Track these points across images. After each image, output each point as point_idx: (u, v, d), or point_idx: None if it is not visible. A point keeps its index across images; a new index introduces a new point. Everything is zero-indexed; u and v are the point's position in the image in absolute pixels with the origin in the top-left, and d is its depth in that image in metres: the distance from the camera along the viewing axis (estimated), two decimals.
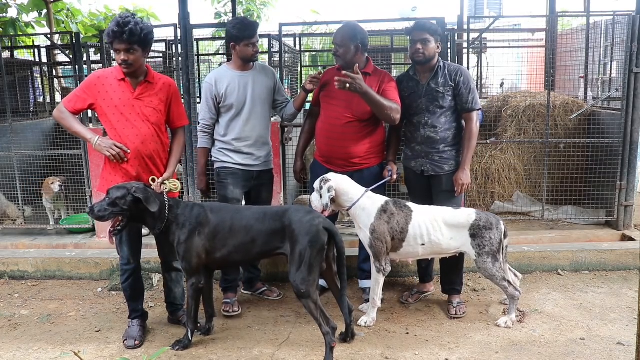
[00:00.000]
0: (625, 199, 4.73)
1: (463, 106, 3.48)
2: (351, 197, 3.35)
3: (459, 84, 3.43)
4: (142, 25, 2.99)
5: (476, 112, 3.50)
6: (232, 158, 3.60)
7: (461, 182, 3.47)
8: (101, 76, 3.13)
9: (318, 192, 3.35)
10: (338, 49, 3.50)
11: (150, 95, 3.15)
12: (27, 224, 5.29)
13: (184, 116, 3.40)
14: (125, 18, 2.96)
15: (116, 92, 3.09)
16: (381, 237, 3.30)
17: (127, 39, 2.94)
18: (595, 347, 3.09)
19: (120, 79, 3.10)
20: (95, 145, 3.06)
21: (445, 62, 3.57)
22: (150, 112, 3.14)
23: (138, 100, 3.11)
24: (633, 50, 4.47)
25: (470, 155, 3.52)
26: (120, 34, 2.93)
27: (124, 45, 2.96)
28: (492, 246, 3.32)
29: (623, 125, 4.64)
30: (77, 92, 3.14)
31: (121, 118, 3.09)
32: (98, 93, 3.09)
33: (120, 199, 2.90)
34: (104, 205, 2.91)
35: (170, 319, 3.55)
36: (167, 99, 3.23)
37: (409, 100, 3.56)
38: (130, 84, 3.11)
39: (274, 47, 6.15)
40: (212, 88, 3.55)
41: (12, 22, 9.49)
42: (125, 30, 2.92)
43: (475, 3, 18.19)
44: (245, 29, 3.48)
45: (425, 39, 3.40)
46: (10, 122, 5.11)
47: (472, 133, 3.48)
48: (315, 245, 2.89)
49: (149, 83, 3.15)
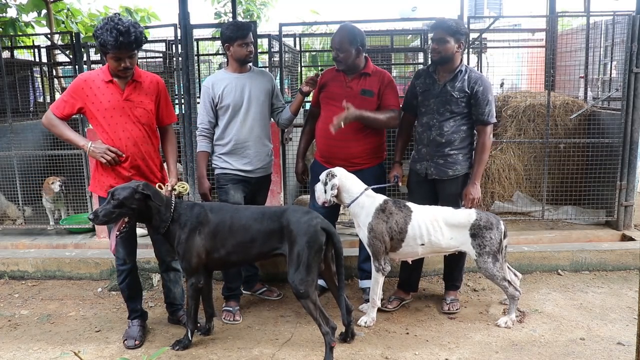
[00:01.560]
0: (625, 199, 4.73)
1: (478, 117, 3.38)
2: (352, 194, 3.35)
3: (477, 93, 3.33)
4: (140, 29, 2.93)
5: (490, 126, 3.40)
6: (231, 164, 3.59)
7: (471, 197, 3.40)
8: (88, 79, 3.07)
9: (323, 185, 3.38)
10: (339, 54, 3.48)
11: (139, 94, 3.11)
12: (27, 224, 5.29)
13: (173, 114, 3.35)
14: (124, 25, 2.84)
15: (105, 95, 3.04)
16: (379, 236, 3.30)
17: (136, 47, 2.90)
18: (595, 347, 3.09)
19: (108, 80, 3.04)
20: (89, 151, 3.03)
21: (469, 67, 3.47)
22: (140, 113, 3.11)
23: (128, 101, 3.07)
24: (633, 50, 4.47)
25: (481, 169, 3.43)
26: (127, 45, 2.86)
27: (130, 52, 2.91)
28: (492, 246, 3.32)
29: (623, 125, 4.64)
30: (65, 97, 3.08)
31: (111, 121, 3.06)
32: (86, 96, 3.04)
33: (127, 199, 2.84)
34: (109, 208, 2.83)
35: (170, 318, 3.55)
36: (156, 97, 3.19)
37: (422, 97, 3.51)
38: (119, 85, 3.06)
39: (274, 47, 6.15)
40: (209, 91, 3.56)
41: (12, 22, 9.49)
42: (132, 40, 2.86)
43: (475, 3, 18.17)
44: (237, 29, 3.48)
45: (441, 38, 3.32)
46: (10, 122, 5.11)
47: (484, 147, 3.39)
48: (313, 246, 2.89)
49: (137, 82, 3.10)
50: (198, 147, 3.67)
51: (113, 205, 2.84)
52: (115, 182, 3.10)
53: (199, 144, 3.65)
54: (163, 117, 3.28)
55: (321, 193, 3.39)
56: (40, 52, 7.93)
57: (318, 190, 3.42)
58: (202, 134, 3.63)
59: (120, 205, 2.84)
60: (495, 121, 3.49)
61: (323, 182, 3.38)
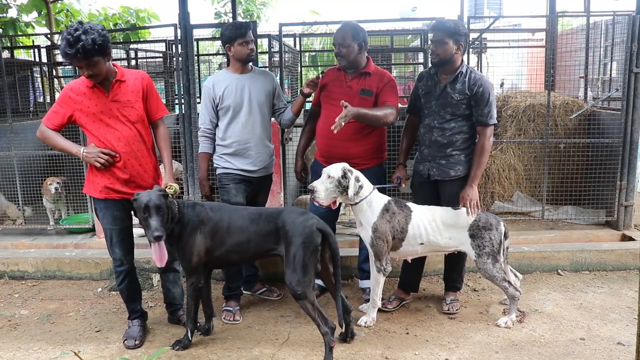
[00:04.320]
0: (625, 199, 4.73)
1: (477, 118, 3.35)
2: (361, 193, 3.32)
3: (476, 94, 3.29)
4: (93, 35, 2.82)
5: (490, 128, 3.36)
6: (232, 163, 3.59)
7: (468, 198, 3.33)
8: (73, 87, 3.07)
9: (335, 181, 3.21)
10: (341, 49, 3.47)
11: (125, 93, 3.09)
12: (27, 224, 5.29)
13: (163, 107, 3.32)
14: (74, 34, 2.79)
15: (91, 100, 3.04)
16: (383, 236, 3.29)
17: (84, 57, 2.83)
18: (595, 347, 3.09)
19: (92, 86, 3.03)
20: (82, 157, 3.04)
21: (471, 68, 3.44)
22: (129, 112, 3.10)
23: (114, 102, 3.06)
24: (633, 50, 4.47)
25: (480, 172, 3.39)
26: (75, 55, 2.81)
27: (84, 62, 2.86)
28: (492, 247, 3.32)
29: (623, 125, 4.64)
30: (54, 108, 3.10)
31: (101, 124, 3.06)
32: (74, 104, 3.05)
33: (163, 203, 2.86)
34: (161, 220, 2.83)
35: (170, 318, 3.55)
36: (143, 93, 3.17)
37: (424, 98, 3.50)
38: (103, 88, 3.05)
39: (274, 47, 6.15)
40: (210, 91, 3.55)
41: (12, 22, 9.50)
42: (79, 49, 2.79)
43: (475, 3, 18.16)
44: (237, 28, 3.48)
45: (440, 40, 3.28)
46: (10, 122, 5.12)
47: (483, 149, 3.35)
48: (308, 246, 2.89)
49: (121, 82, 3.09)
50: (200, 149, 3.67)
51: (162, 215, 2.84)
52: (109, 182, 3.10)
53: (201, 145, 3.65)
54: (152, 111, 3.24)
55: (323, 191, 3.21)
56: (40, 52, 7.94)
57: (320, 189, 3.21)
58: (204, 135, 3.63)
59: (163, 214, 2.86)
60: (496, 122, 3.47)
61: (337, 177, 3.20)
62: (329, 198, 3.26)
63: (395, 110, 3.45)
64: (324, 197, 3.24)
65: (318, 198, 3.24)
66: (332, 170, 3.25)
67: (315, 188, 3.24)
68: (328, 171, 3.26)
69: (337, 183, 3.23)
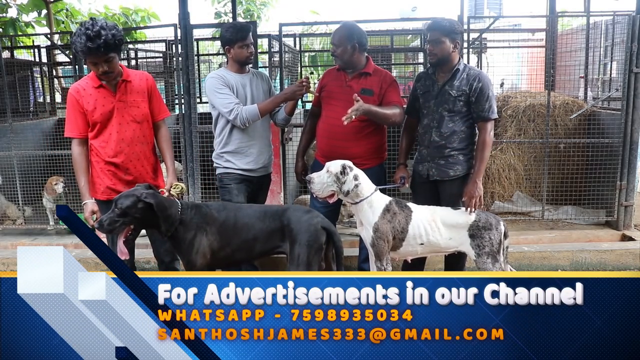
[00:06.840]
0: (625, 199, 4.73)
1: (478, 114, 3.32)
2: (363, 193, 3.32)
3: (475, 89, 3.27)
4: (113, 30, 2.85)
5: (491, 122, 3.34)
6: (234, 163, 3.59)
7: (472, 195, 3.29)
8: (78, 89, 3.04)
9: (332, 176, 3.18)
10: (335, 49, 3.49)
11: (131, 93, 3.09)
12: (27, 224, 5.29)
13: (165, 109, 3.32)
14: (93, 29, 2.79)
15: (98, 100, 3.02)
16: (383, 237, 3.29)
17: (105, 52, 2.83)
18: None
19: (97, 86, 3.02)
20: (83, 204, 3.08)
21: (468, 65, 3.43)
22: (135, 112, 3.09)
23: (121, 102, 3.05)
24: (633, 50, 4.47)
25: (483, 167, 3.36)
26: (96, 49, 2.80)
27: (103, 57, 2.86)
28: (491, 247, 3.31)
29: (623, 125, 4.64)
30: (69, 115, 3.06)
31: (108, 124, 3.05)
32: (82, 106, 3.04)
33: (130, 208, 2.75)
34: (113, 217, 2.76)
35: None
36: (148, 93, 3.17)
37: (422, 99, 3.49)
38: (109, 88, 3.04)
39: (274, 47, 6.15)
40: (223, 80, 3.50)
41: (12, 22, 9.51)
42: (101, 44, 2.79)
43: (475, 3, 18.17)
44: (237, 31, 3.48)
45: (436, 39, 3.28)
46: (10, 122, 5.12)
47: (485, 144, 3.32)
48: (313, 245, 2.89)
49: (127, 82, 3.08)
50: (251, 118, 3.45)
51: (117, 214, 2.76)
52: (112, 183, 3.10)
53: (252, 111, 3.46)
54: (155, 113, 3.23)
55: (320, 184, 3.17)
56: (40, 52, 7.93)
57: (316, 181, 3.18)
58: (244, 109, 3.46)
59: (124, 215, 2.76)
60: (497, 117, 3.45)
61: (335, 172, 3.17)
62: (325, 191, 3.23)
63: (402, 110, 3.46)
64: (319, 188, 3.22)
65: (313, 189, 3.24)
66: (332, 165, 3.25)
67: (312, 179, 3.25)
68: (328, 165, 3.27)
69: (335, 178, 3.21)
